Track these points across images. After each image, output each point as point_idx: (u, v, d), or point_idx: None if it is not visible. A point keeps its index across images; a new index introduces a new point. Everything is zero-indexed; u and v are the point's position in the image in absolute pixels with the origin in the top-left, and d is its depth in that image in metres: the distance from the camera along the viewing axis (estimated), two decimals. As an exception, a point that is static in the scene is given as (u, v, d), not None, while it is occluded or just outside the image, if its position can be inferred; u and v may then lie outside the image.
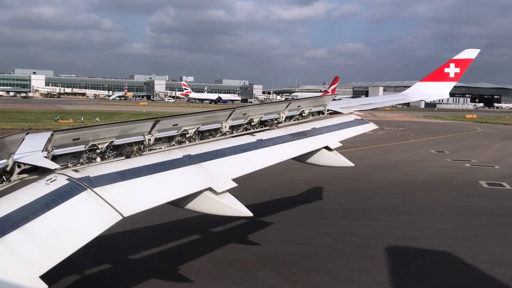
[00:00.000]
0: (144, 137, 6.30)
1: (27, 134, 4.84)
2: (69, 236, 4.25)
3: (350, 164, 9.32)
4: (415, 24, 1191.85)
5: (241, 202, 6.10)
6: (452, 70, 13.02)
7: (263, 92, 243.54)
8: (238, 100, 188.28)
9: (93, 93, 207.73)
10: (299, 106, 9.64)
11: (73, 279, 9.25)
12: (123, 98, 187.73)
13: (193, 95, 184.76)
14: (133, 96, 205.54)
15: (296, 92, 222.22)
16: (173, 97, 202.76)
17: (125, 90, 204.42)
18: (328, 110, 10.52)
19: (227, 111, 7.73)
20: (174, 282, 9.82)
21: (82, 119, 54.67)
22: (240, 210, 5.98)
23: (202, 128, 7.32)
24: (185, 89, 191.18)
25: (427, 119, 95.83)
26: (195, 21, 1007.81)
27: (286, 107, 9.20)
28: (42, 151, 5.21)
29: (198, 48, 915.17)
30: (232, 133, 8.02)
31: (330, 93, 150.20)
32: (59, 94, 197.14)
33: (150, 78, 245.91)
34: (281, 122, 9.10)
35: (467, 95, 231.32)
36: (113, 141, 5.85)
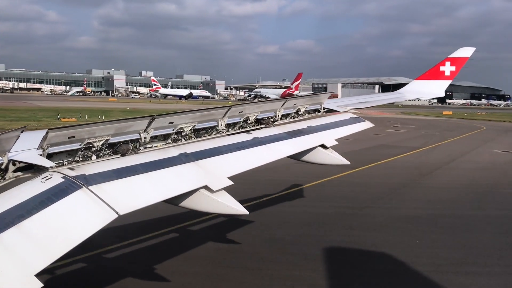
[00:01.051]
0: (140, 135, 6.28)
1: (22, 132, 4.81)
2: (64, 234, 4.22)
3: (346, 162, 9.27)
4: (364, 22, 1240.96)
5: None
6: (447, 68, 13.03)
7: (226, 88, 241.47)
8: (209, 96, 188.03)
9: (49, 89, 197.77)
10: (295, 104, 9.63)
11: (45, 278, 9.15)
12: (81, 94, 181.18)
13: (163, 90, 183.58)
14: (91, 92, 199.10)
15: (257, 87, 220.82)
16: (134, 92, 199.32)
17: (84, 85, 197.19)
18: (324, 108, 10.51)
19: (223, 109, 7.71)
20: (151, 282, 9.79)
21: (86, 117, 53.71)
22: (236, 208, 5.95)
23: (198, 126, 7.30)
24: (155, 84, 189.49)
25: (409, 115, 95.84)
26: (145, 15, 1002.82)
27: (282, 105, 9.19)
28: (37, 149, 5.18)
29: (149, 42, 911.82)
30: (228, 131, 8.00)
31: (293, 89, 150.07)
32: (12, 89, 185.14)
33: (109, 73, 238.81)
34: (277, 120, 9.09)
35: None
36: (109, 139, 5.82)
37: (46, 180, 4.68)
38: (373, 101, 12.98)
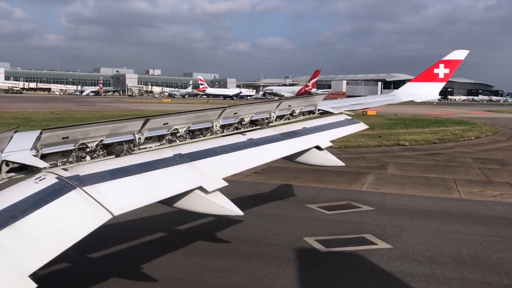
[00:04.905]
0: (134, 136, 6.26)
1: (15, 132, 4.80)
2: (58, 235, 4.22)
3: (340, 163, 9.31)
4: (334, 20, 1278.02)
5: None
6: (441, 71, 13.17)
7: (237, 86, 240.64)
8: (252, 95, 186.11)
9: (59, 88, 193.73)
10: (289, 105, 9.66)
11: (39, 278, 9.06)
12: (95, 94, 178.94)
13: (209, 90, 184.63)
14: (103, 91, 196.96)
15: (261, 85, 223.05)
16: (149, 91, 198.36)
17: (100, 85, 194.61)
18: (318, 110, 10.55)
19: (217, 110, 7.71)
20: (138, 281, 9.71)
21: None
22: (231, 209, 5.96)
23: (193, 127, 7.30)
24: (202, 84, 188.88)
25: (504, 114, 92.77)
26: (116, 13, 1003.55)
27: (277, 107, 9.22)
28: (31, 149, 5.16)
29: (121, 40, 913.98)
30: (223, 132, 8.00)
31: (310, 87, 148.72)
32: (22, 89, 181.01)
33: (117, 71, 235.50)
34: (272, 122, 9.11)
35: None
36: (103, 139, 5.81)
37: (40, 180, 4.67)
38: (367, 102, 13.06)
